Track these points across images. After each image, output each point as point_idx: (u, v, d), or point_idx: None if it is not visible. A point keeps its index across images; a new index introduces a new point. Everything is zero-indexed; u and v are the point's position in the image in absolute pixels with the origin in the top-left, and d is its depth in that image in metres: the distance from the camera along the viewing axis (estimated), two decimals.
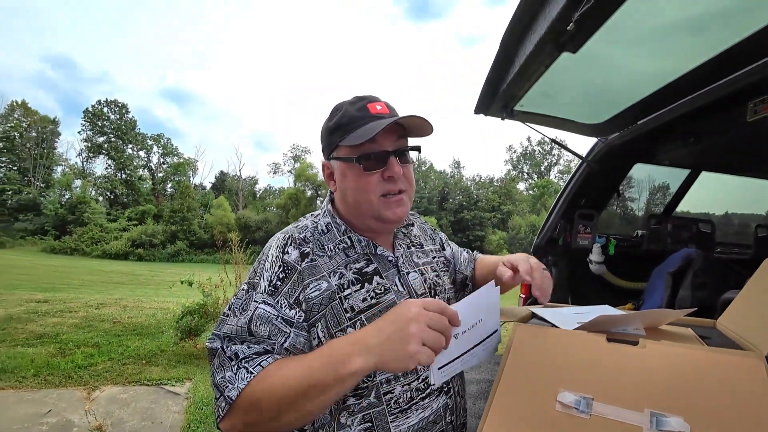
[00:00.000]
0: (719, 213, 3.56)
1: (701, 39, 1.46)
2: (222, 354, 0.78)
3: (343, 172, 0.89)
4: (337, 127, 0.87)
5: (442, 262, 1.09)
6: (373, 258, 0.91)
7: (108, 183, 46.96)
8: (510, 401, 0.68)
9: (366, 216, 0.90)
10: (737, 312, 0.92)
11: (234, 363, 0.76)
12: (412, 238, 1.05)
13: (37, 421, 2.92)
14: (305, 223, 0.93)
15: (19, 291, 8.80)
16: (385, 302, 0.86)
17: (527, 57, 1.49)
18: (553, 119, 2.16)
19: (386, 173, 0.86)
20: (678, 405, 0.59)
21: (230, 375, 0.75)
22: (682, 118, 1.85)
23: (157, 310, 7.16)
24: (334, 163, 0.91)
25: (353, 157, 0.85)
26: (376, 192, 0.86)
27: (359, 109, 0.86)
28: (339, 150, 0.88)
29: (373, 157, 0.85)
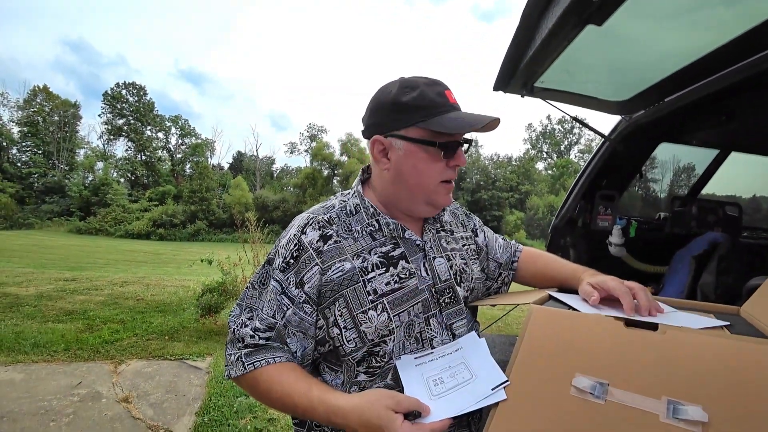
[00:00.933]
0: (748, 196, 3.42)
1: (735, 11, 1.38)
2: (232, 334, 0.88)
3: (411, 153, 0.86)
4: (416, 106, 0.84)
5: (473, 250, 1.07)
6: (400, 241, 0.91)
7: (129, 165, 47.89)
8: (524, 384, 0.67)
9: (418, 200, 0.91)
10: (763, 299, 0.89)
11: (237, 347, 0.86)
12: (442, 224, 1.03)
13: (69, 392, 3.07)
14: (333, 203, 0.94)
15: (48, 270, 9.16)
16: (409, 287, 0.87)
17: (549, 31, 1.42)
18: (575, 96, 2.09)
19: (453, 162, 0.89)
20: (697, 393, 0.57)
21: (232, 357, 0.86)
22: (713, 96, 1.75)
23: (179, 288, 7.36)
24: (397, 141, 0.87)
25: (436, 142, 0.85)
26: (438, 177, 0.88)
27: (439, 94, 0.85)
28: (412, 130, 0.85)
29: (453, 146, 0.87)
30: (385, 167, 0.90)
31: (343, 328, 0.83)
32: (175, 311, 5.66)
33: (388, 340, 0.84)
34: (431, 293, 0.89)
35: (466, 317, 0.94)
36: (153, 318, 5.23)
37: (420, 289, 0.88)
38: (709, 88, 1.72)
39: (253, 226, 5.43)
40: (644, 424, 0.57)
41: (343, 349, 0.84)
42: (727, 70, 1.63)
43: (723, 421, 0.54)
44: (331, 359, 0.90)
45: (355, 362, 0.85)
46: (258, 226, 5.60)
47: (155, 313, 5.49)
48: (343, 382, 0.87)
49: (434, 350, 0.86)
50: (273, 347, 0.85)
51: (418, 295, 0.87)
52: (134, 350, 4.05)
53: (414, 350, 0.86)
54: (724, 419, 0.54)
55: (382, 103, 0.87)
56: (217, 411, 2.90)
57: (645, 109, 2.09)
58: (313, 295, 0.84)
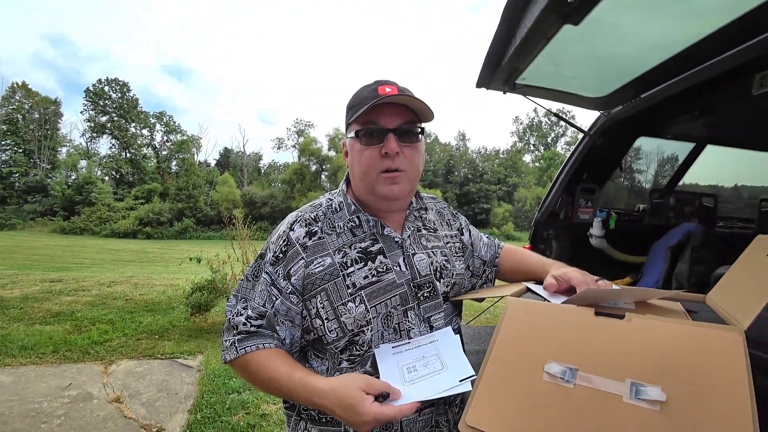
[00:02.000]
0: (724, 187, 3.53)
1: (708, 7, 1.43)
2: (228, 322, 0.95)
3: (351, 147, 0.96)
4: (350, 107, 0.95)
5: (457, 248, 1.11)
6: (379, 238, 0.96)
7: (113, 162, 47.02)
8: (500, 370, 0.72)
9: (367, 191, 0.95)
10: (726, 287, 0.95)
11: (232, 334, 0.92)
12: (425, 222, 1.07)
13: (60, 394, 3.07)
14: (321, 201, 1.00)
15: (33, 271, 9.03)
16: (386, 281, 0.92)
17: (529, 29, 1.46)
18: (556, 93, 2.14)
19: (383, 149, 0.90)
20: (657, 376, 0.62)
21: (227, 343, 0.92)
22: (687, 91, 1.82)
23: (168, 287, 7.32)
24: (348, 141, 0.99)
25: (356, 132, 0.93)
26: (376, 168, 0.91)
27: (371, 90, 0.91)
28: (350, 128, 0.95)
29: (375, 133, 0.91)
30: (348, 165, 1.01)
31: (325, 320, 0.89)
32: (164, 310, 5.64)
33: (366, 330, 0.89)
34: (410, 287, 0.94)
35: (445, 311, 0.99)
36: (142, 317, 5.21)
37: (398, 283, 0.93)
38: (684, 84, 1.78)
39: (239, 223, 5.42)
40: (609, 404, 0.62)
41: (326, 338, 0.90)
42: (700, 67, 1.69)
43: (679, 399, 0.59)
44: (317, 347, 0.96)
45: (338, 350, 0.91)
46: (246, 223, 5.59)
47: (144, 313, 5.46)
48: (328, 369, 0.93)
49: (411, 341, 0.91)
50: (264, 334, 0.91)
51: (396, 288, 0.92)
52: (124, 350, 4.04)
53: (392, 340, 0.91)
54: (680, 398, 0.59)
55: None
56: (209, 408, 2.93)
57: (623, 104, 2.15)
58: (299, 287, 0.90)
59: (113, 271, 10.08)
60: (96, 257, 14.66)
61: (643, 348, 0.67)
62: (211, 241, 27.52)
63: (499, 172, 45.95)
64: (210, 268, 4.97)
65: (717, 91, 1.95)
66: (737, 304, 0.83)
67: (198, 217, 36.99)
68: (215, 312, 5.26)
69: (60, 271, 9.18)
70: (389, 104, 0.90)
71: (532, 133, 58.16)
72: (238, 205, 34.81)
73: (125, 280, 7.95)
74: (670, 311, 0.86)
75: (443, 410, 0.95)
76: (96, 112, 48.09)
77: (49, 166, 44.45)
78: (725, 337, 0.64)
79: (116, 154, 48.07)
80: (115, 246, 21.57)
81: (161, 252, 18.49)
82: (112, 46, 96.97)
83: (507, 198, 44.77)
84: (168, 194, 39.23)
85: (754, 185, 3.54)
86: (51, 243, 20.71)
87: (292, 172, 40.71)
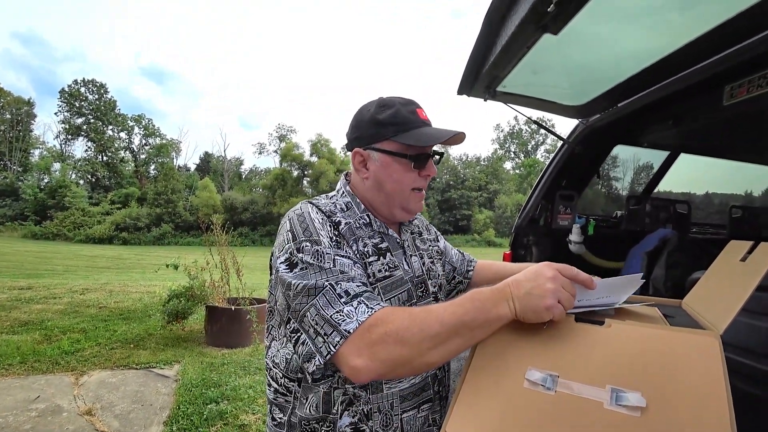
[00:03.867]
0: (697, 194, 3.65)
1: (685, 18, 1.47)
2: (331, 290, 0.79)
3: (387, 164, 0.96)
4: (390, 123, 0.94)
5: (436, 251, 1.18)
6: (385, 237, 1.00)
7: (89, 166, 45.82)
8: (481, 378, 0.71)
9: (394, 205, 0.99)
10: (701, 292, 0.96)
11: (347, 299, 0.78)
12: (413, 227, 1.14)
13: (26, 407, 2.93)
14: (324, 202, 0.99)
15: (1, 278, 8.67)
16: (395, 276, 0.95)
17: (509, 38, 1.48)
18: (536, 101, 2.17)
19: (425, 172, 0.99)
20: (637, 381, 0.62)
21: (349, 309, 0.76)
22: (661, 101, 1.87)
23: (144, 294, 7.13)
24: (374, 153, 0.97)
25: (407, 154, 0.95)
26: (410, 185, 0.98)
27: (411, 112, 0.96)
28: (387, 143, 0.95)
29: (423, 158, 0.97)
30: (364, 176, 0.99)
31: None
32: (140, 318, 5.49)
33: None
34: (413, 284, 0.99)
35: None
36: (117, 326, 5.05)
37: (405, 279, 0.97)
38: (658, 93, 1.83)
39: (217, 228, 5.32)
40: (590, 411, 0.61)
41: None
42: (673, 78, 1.74)
43: (659, 405, 0.59)
44: None
45: None
46: (225, 229, 5.49)
47: (119, 321, 5.30)
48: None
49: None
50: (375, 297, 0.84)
51: (403, 284, 0.96)
52: (97, 360, 3.90)
53: None
54: (659, 403, 0.59)
55: (362, 119, 0.98)
56: (186, 419, 2.84)
57: (600, 113, 2.20)
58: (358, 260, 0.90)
59: (87, 278, 9.77)
60: (69, 264, 14.18)
61: (622, 354, 0.67)
62: (191, 247, 27.03)
63: (480, 178, 46.55)
64: (188, 275, 4.86)
65: (690, 102, 2.02)
66: (713, 309, 0.84)
67: (177, 223, 36.28)
68: (193, 320, 5.15)
69: (30, 278, 8.84)
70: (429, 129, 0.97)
71: (513, 141, 59.16)
72: (219, 211, 34.31)
73: (99, 288, 7.70)
74: (648, 316, 0.87)
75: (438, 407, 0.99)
76: (71, 114, 46.89)
77: (21, 169, 42.99)
78: (702, 341, 0.65)
79: (92, 157, 46.89)
80: (89, 252, 20.94)
81: (138, 258, 18.03)
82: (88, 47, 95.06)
83: (488, 204, 45.36)
84: (146, 199, 38.39)
85: (725, 192, 3.67)
86: (21, 249, 19.95)
87: (273, 178, 40.37)
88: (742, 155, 2.95)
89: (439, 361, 0.75)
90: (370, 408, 0.89)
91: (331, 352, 0.75)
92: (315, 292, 0.79)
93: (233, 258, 5.20)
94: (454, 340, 0.72)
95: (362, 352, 0.73)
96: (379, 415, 0.89)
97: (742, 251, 0.92)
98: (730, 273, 0.92)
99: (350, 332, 0.74)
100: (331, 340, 0.75)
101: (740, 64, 1.49)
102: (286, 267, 0.85)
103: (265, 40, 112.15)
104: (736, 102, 1.72)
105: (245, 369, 3.85)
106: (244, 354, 4.31)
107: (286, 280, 0.83)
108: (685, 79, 1.69)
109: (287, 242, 0.87)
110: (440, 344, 0.72)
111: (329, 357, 0.75)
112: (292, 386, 0.92)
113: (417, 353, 0.72)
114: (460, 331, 0.72)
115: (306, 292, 0.80)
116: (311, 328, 0.79)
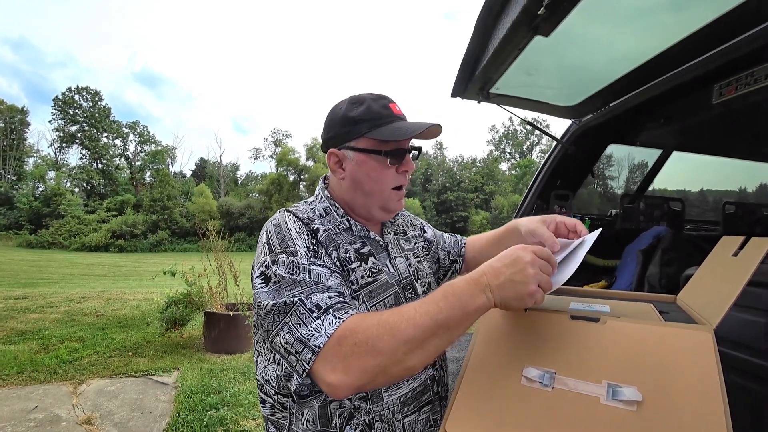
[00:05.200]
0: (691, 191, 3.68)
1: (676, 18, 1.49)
2: (302, 306, 0.76)
3: (362, 162, 0.93)
4: (363, 119, 0.91)
5: (422, 247, 1.15)
6: (367, 241, 0.97)
7: (84, 173, 45.56)
8: (479, 377, 0.72)
9: (374, 205, 0.96)
10: (695, 288, 0.98)
11: (318, 314, 0.75)
12: (396, 227, 1.11)
13: (25, 417, 2.91)
14: (303, 208, 0.97)
15: None
16: (379, 281, 0.92)
17: (501, 40, 1.50)
18: (529, 102, 2.19)
19: (402, 168, 0.95)
20: (632, 376, 0.63)
21: (317, 324, 0.74)
22: (653, 100, 1.89)
23: (141, 302, 7.10)
24: (349, 152, 0.93)
25: (381, 150, 0.91)
26: (390, 184, 0.95)
27: (384, 107, 0.92)
28: (361, 141, 0.92)
29: (399, 153, 0.93)
30: (341, 177, 0.96)
31: None
32: (138, 326, 5.46)
33: None
34: (400, 287, 0.96)
35: None
36: (114, 334, 5.03)
37: (390, 283, 0.94)
38: (649, 93, 1.85)
39: (213, 234, 5.31)
40: (587, 406, 0.62)
41: None
42: (663, 77, 1.76)
43: (654, 399, 0.60)
44: None
45: None
46: (222, 235, 5.48)
47: (117, 329, 5.27)
48: None
49: None
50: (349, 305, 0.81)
51: (389, 288, 0.93)
52: (95, 369, 3.88)
53: None
54: (655, 397, 0.60)
55: (334, 119, 0.95)
56: (186, 426, 2.83)
57: (593, 113, 2.22)
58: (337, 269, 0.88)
59: (84, 286, 9.71)
60: (65, 272, 14.09)
61: (618, 350, 0.68)
62: (187, 254, 26.89)
63: (476, 180, 46.58)
64: (185, 282, 4.85)
65: (680, 100, 2.04)
66: (706, 304, 0.86)
67: (173, 229, 36.15)
68: (191, 326, 5.13)
69: (26, 287, 8.78)
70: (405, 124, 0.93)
71: (508, 142, 59.34)
72: (215, 216, 34.21)
73: (96, 296, 7.66)
74: (643, 312, 0.89)
75: (439, 408, 0.98)
76: (66, 122, 46.66)
77: (15, 178, 42.74)
78: (696, 336, 0.66)
79: (87, 165, 46.64)
80: (85, 260, 20.81)
81: (135, 265, 17.94)
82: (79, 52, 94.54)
83: (484, 206, 45.40)
84: (142, 206, 38.26)
85: (718, 189, 3.70)
86: (16, 258, 19.81)
87: (269, 183, 40.32)
88: (733, 152, 2.99)
89: (419, 364, 0.72)
90: (372, 418, 0.87)
91: (306, 369, 0.73)
92: (286, 310, 0.77)
93: (230, 264, 5.19)
94: (431, 341, 0.70)
95: (336, 367, 0.70)
96: (381, 424, 0.88)
97: (734, 246, 0.93)
98: (723, 268, 0.93)
99: (320, 347, 0.71)
100: (304, 357, 0.73)
101: (728, 63, 1.51)
102: (261, 282, 0.83)
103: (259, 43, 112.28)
104: (726, 100, 1.74)
105: (245, 375, 3.84)
106: (243, 359, 4.30)
107: (257, 298, 0.82)
108: (675, 78, 1.72)
109: (263, 255, 0.85)
110: (417, 348, 0.69)
111: (305, 375, 0.73)
112: (286, 402, 0.89)
113: (392, 361, 0.69)
114: (437, 331, 0.70)
115: (276, 310, 0.78)
116: (282, 348, 0.77)
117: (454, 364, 0.90)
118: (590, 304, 0.92)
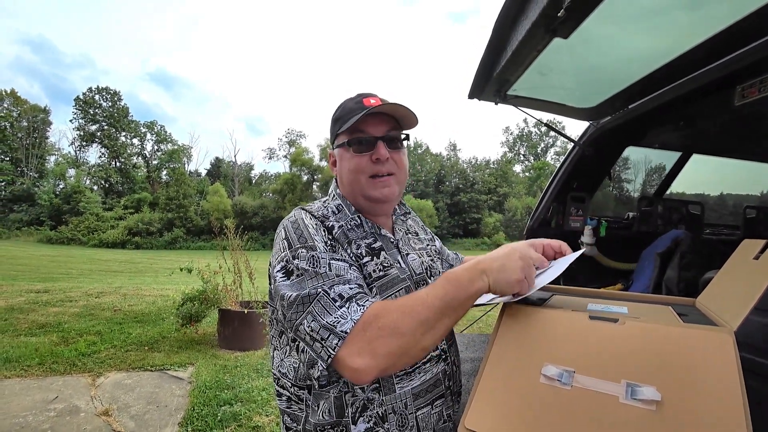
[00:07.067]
0: (710, 195, 3.61)
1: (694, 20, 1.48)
2: (326, 296, 0.80)
3: (341, 156, 1.01)
4: (337, 119, 1.00)
5: (434, 250, 1.19)
6: (378, 237, 1.00)
7: (102, 171, 46.58)
8: (498, 374, 0.73)
9: (358, 196, 1.00)
10: (715, 291, 0.97)
11: (341, 303, 0.79)
12: (408, 227, 1.15)
13: (45, 407, 2.99)
14: (318, 206, 1.01)
15: (18, 281, 8.85)
16: (390, 275, 0.95)
17: (519, 42, 1.50)
18: (547, 104, 2.18)
19: (374, 156, 0.96)
20: (651, 376, 0.63)
21: (343, 311, 0.77)
22: (672, 102, 1.87)
23: (157, 298, 7.22)
24: (336, 151, 1.04)
25: (346, 141, 0.98)
26: (365, 173, 0.97)
27: (356, 102, 0.98)
28: (339, 138, 1.00)
29: (364, 141, 0.97)
30: (336, 174, 1.06)
31: None
32: (154, 321, 5.56)
33: None
34: (414, 282, 0.99)
35: None
36: (131, 329, 5.13)
37: (401, 278, 0.96)
38: (669, 95, 1.83)
39: (231, 233, 5.37)
40: (606, 405, 0.63)
41: None
42: (684, 79, 1.74)
43: (673, 399, 0.60)
44: None
45: None
46: (237, 233, 5.55)
47: (133, 324, 5.38)
48: None
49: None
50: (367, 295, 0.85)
51: (400, 282, 0.95)
52: (113, 362, 3.97)
53: None
54: (674, 397, 0.60)
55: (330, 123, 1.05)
56: (200, 421, 2.88)
57: (611, 115, 2.20)
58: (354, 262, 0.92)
59: (101, 281, 9.92)
60: (83, 267, 14.41)
61: (637, 349, 0.68)
62: (202, 252, 27.25)
63: (490, 182, 46.27)
64: (201, 279, 4.92)
65: (701, 103, 2.01)
66: (726, 307, 0.85)
67: (188, 227, 36.70)
68: (206, 323, 5.20)
69: (46, 282, 9.01)
70: (375, 114, 0.96)
71: (522, 143, 58.87)
72: (229, 215, 34.60)
73: (113, 291, 7.82)
74: (661, 314, 0.89)
75: (451, 402, 1.00)
76: (86, 121, 47.76)
77: (37, 175, 43.88)
78: (716, 337, 0.66)
79: (106, 163, 47.69)
80: (103, 256, 21.25)
81: (150, 262, 18.25)
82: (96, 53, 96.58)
83: (497, 208, 45.05)
84: (158, 204, 38.92)
85: (739, 193, 3.62)
86: (37, 253, 20.33)
87: (283, 182, 40.65)
88: (755, 155, 2.93)
89: (431, 344, 0.78)
90: (385, 410, 0.89)
91: (331, 355, 0.75)
92: (309, 300, 0.80)
93: (246, 262, 5.25)
94: (442, 321, 0.77)
95: (363, 351, 0.74)
96: (395, 416, 0.89)
97: (755, 250, 0.92)
98: (744, 271, 0.93)
99: (347, 332, 0.75)
100: (330, 343, 0.76)
101: (751, 65, 1.49)
102: (283, 275, 0.86)
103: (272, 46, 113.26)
104: (748, 102, 1.71)
105: (258, 371, 3.88)
106: (256, 357, 4.34)
107: (280, 290, 0.84)
108: (695, 80, 1.69)
109: (283, 250, 0.88)
110: (431, 328, 0.76)
111: (330, 360, 0.76)
112: (302, 394, 0.92)
113: (413, 341, 0.75)
114: (446, 311, 0.77)
115: (300, 301, 0.81)
116: (307, 336, 0.79)
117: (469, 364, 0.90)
118: (608, 305, 0.93)
